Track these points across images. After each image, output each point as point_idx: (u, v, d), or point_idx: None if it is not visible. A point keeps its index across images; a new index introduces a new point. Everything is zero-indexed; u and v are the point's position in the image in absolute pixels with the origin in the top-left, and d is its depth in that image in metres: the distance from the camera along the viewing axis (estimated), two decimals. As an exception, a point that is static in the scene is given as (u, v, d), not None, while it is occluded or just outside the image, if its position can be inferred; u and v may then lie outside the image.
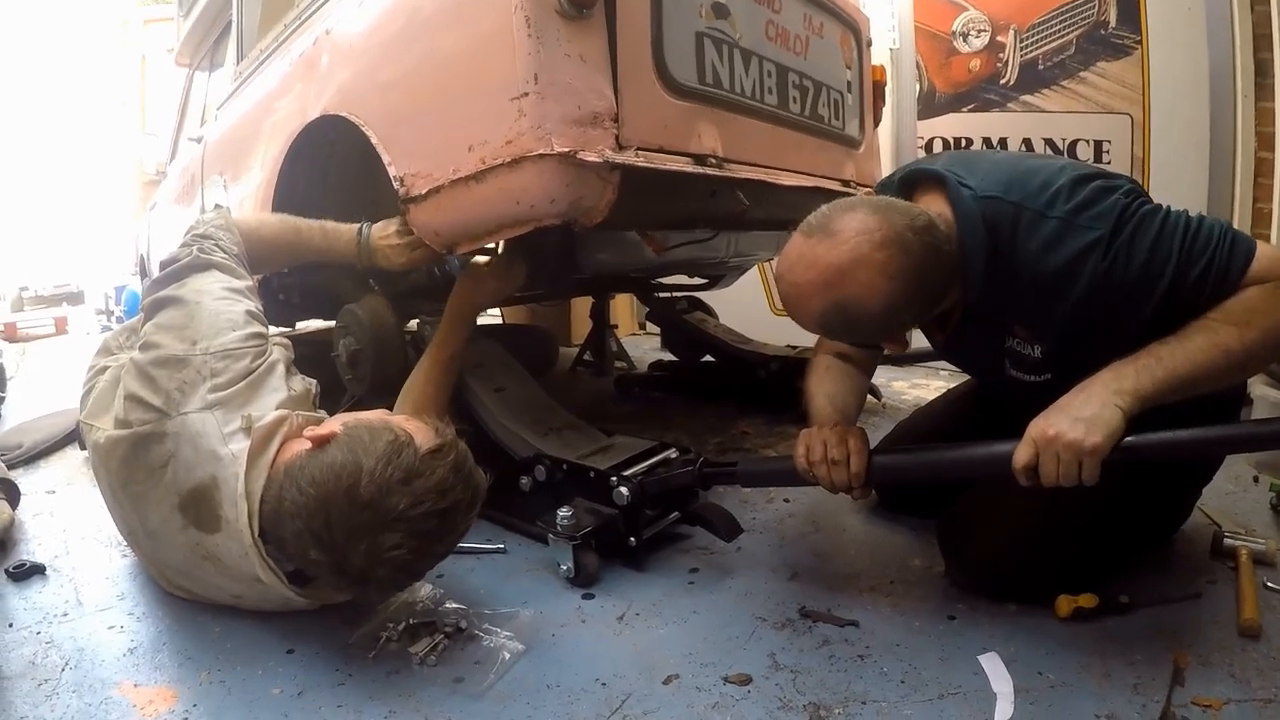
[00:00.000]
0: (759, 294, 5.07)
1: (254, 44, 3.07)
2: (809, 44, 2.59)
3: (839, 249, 1.46)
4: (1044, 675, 1.44)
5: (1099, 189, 1.48)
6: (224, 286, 1.69)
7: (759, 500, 2.38)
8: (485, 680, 1.45)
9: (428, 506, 1.39)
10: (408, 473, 1.39)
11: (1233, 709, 1.32)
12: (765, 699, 1.39)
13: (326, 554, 1.38)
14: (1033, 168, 1.57)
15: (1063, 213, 1.45)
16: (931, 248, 1.47)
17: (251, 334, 1.61)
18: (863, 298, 1.46)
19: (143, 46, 9.86)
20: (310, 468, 1.41)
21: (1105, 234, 1.41)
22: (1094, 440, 1.35)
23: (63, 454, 3.10)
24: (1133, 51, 3.99)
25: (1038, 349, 1.61)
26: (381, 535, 1.36)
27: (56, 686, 1.45)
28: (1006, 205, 1.50)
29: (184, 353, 1.54)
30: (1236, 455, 2.41)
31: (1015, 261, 1.50)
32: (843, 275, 1.45)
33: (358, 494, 1.36)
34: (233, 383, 1.53)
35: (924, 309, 1.57)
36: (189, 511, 1.51)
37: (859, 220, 1.47)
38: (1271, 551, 1.84)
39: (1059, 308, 1.48)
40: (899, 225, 1.46)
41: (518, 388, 2.45)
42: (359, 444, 1.43)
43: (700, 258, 2.81)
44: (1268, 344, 1.38)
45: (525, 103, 1.68)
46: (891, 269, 1.44)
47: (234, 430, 1.49)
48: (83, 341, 7.65)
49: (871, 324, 1.52)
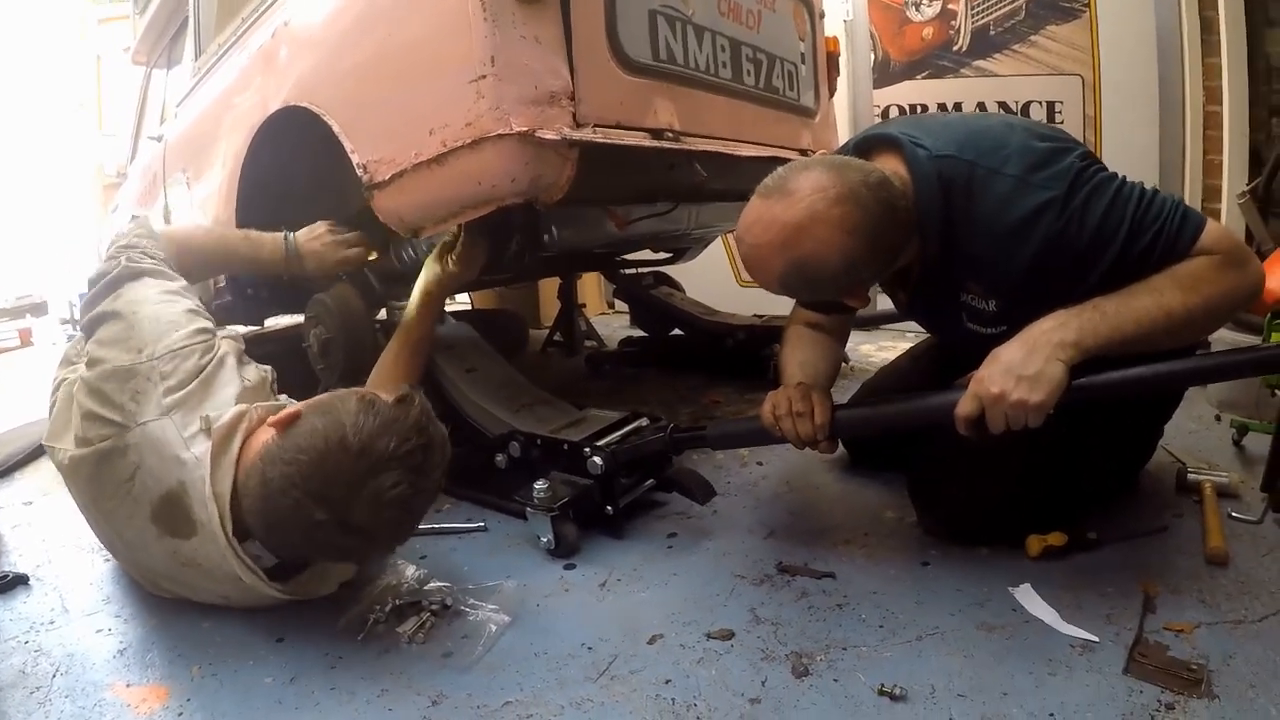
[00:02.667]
0: (724, 266, 5.10)
1: (212, 39, 3.04)
2: (761, 18, 2.61)
3: (795, 208, 1.48)
4: (1018, 612, 1.48)
5: (1052, 149, 1.51)
6: (160, 291, 1.68)
7: (733, 465, 2.41)
8: (474, 653, 1.47)
9: (413, 443, 1.44)
10: (386, 418, 1.44)
11: (1204, 632, 1.36)
12: (748, 651, 1.42)
13: (330, 511, 1.39)
14: (986, 127, 1.61)
15: (1017, 171, 1.48)
16: (886, 203, 1.49)
17: (196, 330, 1.60)
18: (821, 254, 1.48)
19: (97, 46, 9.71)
20: (291, 441, 1.43)
21: (1060, 195, 1.44)
22: (1038, 399, 1.41)
23: (37, 465, 3.06)
24: (1081, 14, 4.04)
25: (992, 303, 1.64)
26: (381, 476, 1.39)
27: (49, 693, 1.44)
28: (961, 163, 1.53)
29: (131, 362, 1.53)
30: (1198, 396, 2.47)
31: (970, 218, 1.52)
32: (800, 233, 1.47)
33: (348, 444, 1.39)
34: (185, 383, 1.52)
35: (882, 264, 1.60)
36: (162, 520, 1.50)
37: (814, 179, 1.49)
38: (1235, 483, 1.90)
39: (1011, 264, 1.51)
40: (853, 181, 1.48)
41: (489, 367, 2.47)
42: (331, 407, 1.47)
43: (663, 231, 2.83)
44: (1209, 311, 1.44)
45: (483, 84, 1.69)
46: (848, 224, 1.46)
47: (194, 433, 1.48)
48: (49, 352, 7.56)
49: (831, 280, 1.54)
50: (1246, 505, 1.83)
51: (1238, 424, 2.24)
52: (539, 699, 1.33)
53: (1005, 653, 1.36)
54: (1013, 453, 1.64)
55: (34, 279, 11.29)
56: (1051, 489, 1.73)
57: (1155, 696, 1.21)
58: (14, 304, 10.73)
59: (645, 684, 1.35)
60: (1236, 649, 1.31)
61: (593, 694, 1.33)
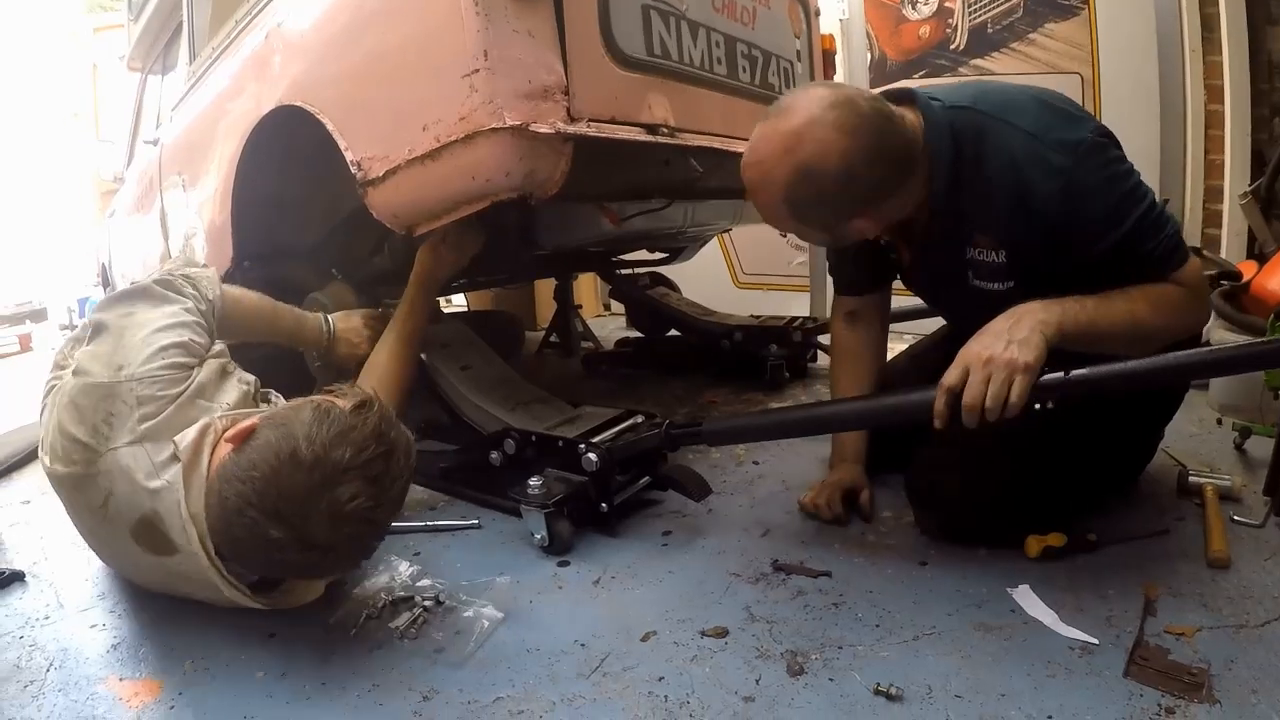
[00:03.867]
0: (721, 267, 5.10)
1: (205, 43, 3.05)
2: (756, 14, 2.61)
3: (793, 117, 1.53)
4: (1016, 613, 1.47)
5: (1065, 114, 1.57)
6: (167, 319, 1.61)
7: (729, 464, 2.41)
8: (466, 648, 1.46)
9: (371, 451, 1.37)
10: (342, 428, 1.37)
11: (1205, 635, 1.35)
12: (743, 649, 1.42)
13: (287, 529, 1.33)
14: (1000, 88, 1.67)
15: (1030, 127, 1.53)
16: (883, 114, 1.54)
17: (177, 363, 1.54)
18: (821, 155, 1.50)
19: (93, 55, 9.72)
20: (245, 457, 1.38)
21: (1069, 164, 1.48)
22: (1026, 358, 1.41)
23: (35, 466, 3.05)
24: (1080, 11, 4.03)
25: (1001, 254, 1.65)
26: (337, 489, 1.33)
27: (43, 687, 1.45)
28: (974, 114, 1.59)
29: (109, 379, 1.48)
30: (1199, 399, 2.46)
31: (980, 165, 1.57)
32: (799, 137, 1.51)
33: (301, 459, 1.33)
34: (160, 410, 1.48)
35: (887, 175, 1.58)
36: (143, 539, 1.49)
37: (811, 92, 1.56)
38: (1237, 487, 1.88)
39: (1017, 216, 1.55)
40: (850, 92, 1.55)
41: (484, 366, 2.47)
42: (285, 419, 1.41)
43: (658, 228, 2.83)
44: (1164, 332, 1.54)
45: (476, 79, 1.68)
46: (846, 125, 1.50)
47: (165, 459, 1.44)
48: (48, 358, 7.56)
49: (835, 187, 1.53)
50: (1248, 509, 1.81)
51: (1240, 427, 2.23)
52: (531, 695, 1.32)
53: (1003, 654, 1.35)
54: (1010, 452, 1.64)
55: (33, 285, 11.30)
56: (1050, 489, 1.72)
57: (1155, 700, 1.20)
58: (14, 310, 10.74)
59: (638, 681, 1.34)
60: (1238, 653, 1.30)
61: (585, 691, 1.33)
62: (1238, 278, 2.73)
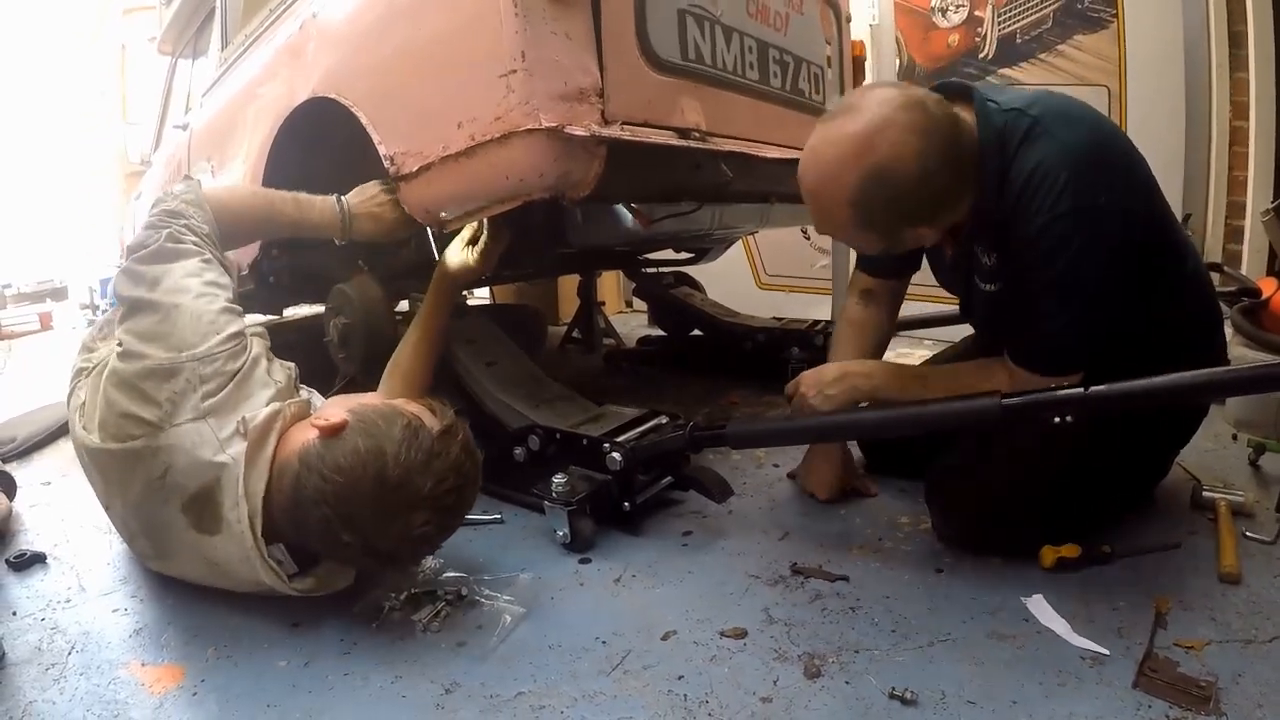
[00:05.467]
0: (745, 268, 5.10)
1: (238, 30, 3.06)
2: (789, 20, 2.61)
3: (863, 117, 1.49)
4: (1029, 622, 1.48)
5: (1106, 167, 1.53)
6: (198, 281, 1.63)
7: (749, 466, 2.42)
8: (488, 643, 1.48)
9: (449, 484, 1.46)
10: (428, 455, 1.44)
11: (1214, 649, 1.36)
12: (761, 651, 1.43)
13: (356, 536, 1.42)
14: (1063, 99, 1.65)
15: (1072, 148, 1.51)
16: (951, 118, 1.53)
17: (232, 334, 1.57)
18: (897, 157, 1.47)
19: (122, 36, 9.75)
20: (331, 456, 1.43)
21: (1067, 211, 1.49)
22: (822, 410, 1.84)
23: (56, 446, 3.11)
24: (1109, 24, 4.01)
25: (993, 256, 1.67)
26: (412, 515, 1.43)
27: (64, 670, 1.46)
28: (1026, 118, 1.55)
29: (171, 362, 1.51)
30: (1215, 415, 2.46)
31: (1010, 168, 1.55)
32: (872, 138, 1.48)
33: (386, 478, 1.40)
34: (222, 386, 1.52)
35: (960, 181, 1.57)
36: (191, 512, 1.51)
37: (877, 93, 1.53)
38: (1250, 503, 1.89)
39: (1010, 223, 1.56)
40: (918, 93, 1.52)
41: (509, 362, 2.48)
42: (377, 430, 1.46)
43: (686, 231, 2.82)
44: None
45: (513, 79, 1.69)
46: (920, 126, 1.47)
47: (230, 434, 1.48)
48: (68, 336, 7.62)
49: (912, 191, 1.51)
50: (1261, 525, 1.81)
51: (1255, 443, 2.23)
52: (552, 690, 1.34)
53: (1016, 662, 1.36)
54: (1028, 464, 1.66)
55: (54, 264, 11.35)
56: (1066, 501, 1.73)
57: (1163, 711, 1.21)
58: (35, 289, 10.81)
59: (658, 679, 1.36)
60: (1246, 668, 1.30)
61: (605, 687, 1.34)
62: (1258, 294, 2.73)
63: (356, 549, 1.44)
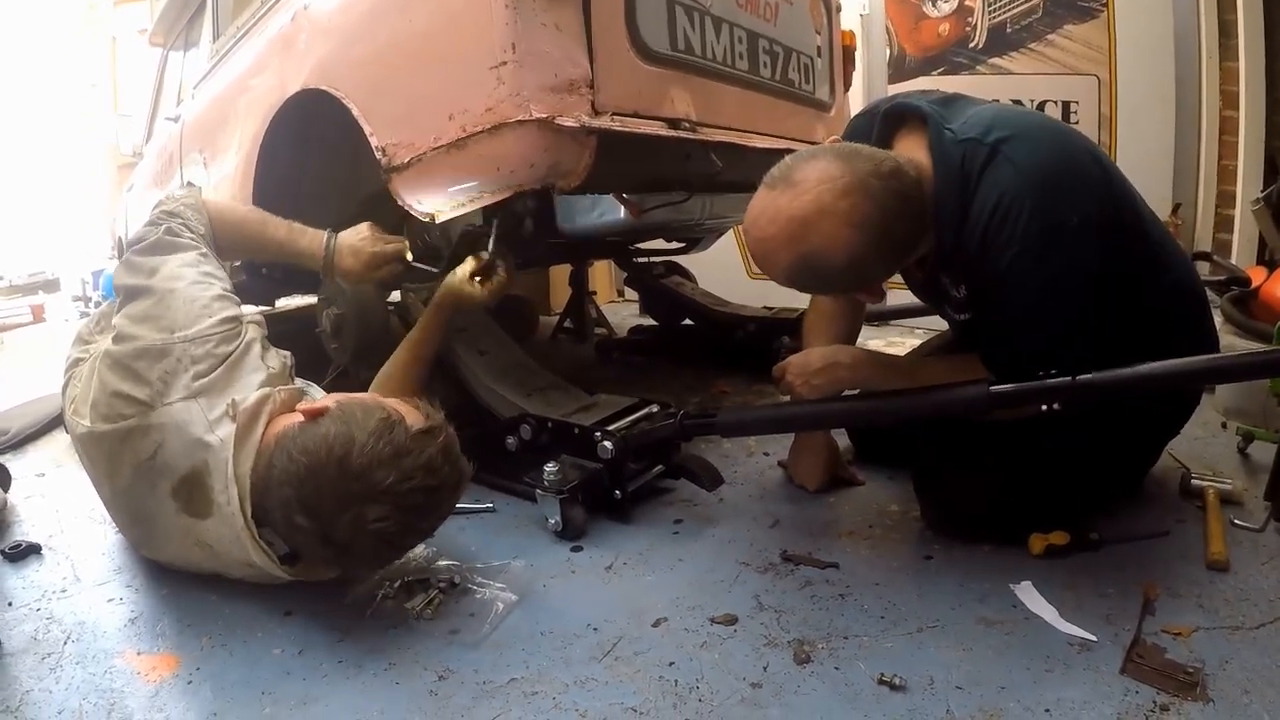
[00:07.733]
0: (736, 258, 5.10)
1: (230, 21, 3.07)
2: (778, 10, 2.62)
3: (801, 199, 1.45)
4: (1018, 608, 1.49)
5: (1071, 176, 1.49)
6: (195, 270, 1.66)
7: (740, 454, 2.43)
8: (481, 630, 1.49)
9: (415, 483, 1.41)
10: (398, 449, 1.41)
11: (1202, 636, 1.37)
12: (751, 637, 1.44)
13: (312, 520, 1.39)
14: (1023, 119, 1.61)
15: (1028, 173, 1.46)
16: (898, 194, 1.47)
17: (226, 318, 1.59)
18: (828, 249, 1.46)
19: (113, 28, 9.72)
20: (302, 437, 1.43)
21: (1030, 248, 1.46)
22: (807, 395, 1.83)
23: (50, 438, 3.10)
24: (1099, 14, 4.02)
25: (962, 289, 1.66)
26: (367, 507, 1.37)
27: (60, 659, 1.46)
28: (983, 148, 1.50)
29: (163, 342, 1.53)
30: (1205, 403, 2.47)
31: (971, 203, 1.51)
32: (806, 227, 1.45)
33: (348, 464, 1.38)
34: (213, 368, 1.53)
35: (893, 258, 1.58)
36: (181, 496, 1.52)
37: (821, 168, 1.47)
38: (1239, 491, 1.89)
39: (978, 261, 1.53)
40: (863, 172, 1.45)
41: (501, 351, 2.48)
42: (352, 418, 1.44)
43: (676, 220, 2.84)
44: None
45: (504, 71, 1.71)
46: (856, 217, 1.44)
47: (219, 416, 1.49)
48: (61, 329, 7.59)
49: (838, 276, 1.53)
50: (1249, 513, 1.82)
51: (1243, 432, 2.24)
52: (544, 677, 1.35)
53: (1004, 648, 1.37)
54: (1018, 451, 1.66)
55: (47, 256, 11.30)
56: (1055, 489, 1.73)
57: (1150, 697, 1.22)
58: (27, 280, 10.75)
59: (649, 665, 1.37)
60: (1233, 654, 1.31)
61: (597, 673, 1.35)
62: (1247, 283, 2.75)
63: (313, 536, 1.41)
